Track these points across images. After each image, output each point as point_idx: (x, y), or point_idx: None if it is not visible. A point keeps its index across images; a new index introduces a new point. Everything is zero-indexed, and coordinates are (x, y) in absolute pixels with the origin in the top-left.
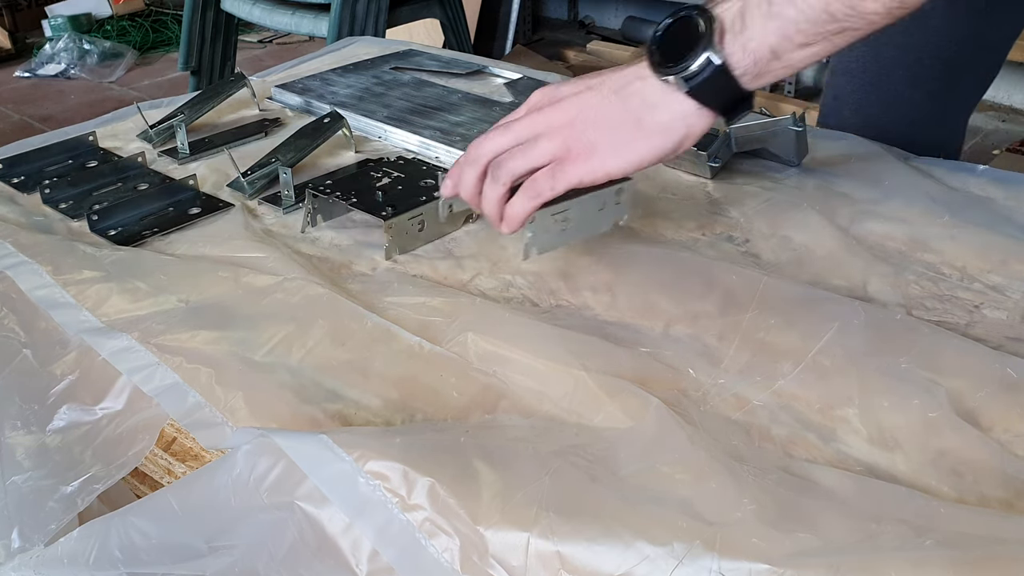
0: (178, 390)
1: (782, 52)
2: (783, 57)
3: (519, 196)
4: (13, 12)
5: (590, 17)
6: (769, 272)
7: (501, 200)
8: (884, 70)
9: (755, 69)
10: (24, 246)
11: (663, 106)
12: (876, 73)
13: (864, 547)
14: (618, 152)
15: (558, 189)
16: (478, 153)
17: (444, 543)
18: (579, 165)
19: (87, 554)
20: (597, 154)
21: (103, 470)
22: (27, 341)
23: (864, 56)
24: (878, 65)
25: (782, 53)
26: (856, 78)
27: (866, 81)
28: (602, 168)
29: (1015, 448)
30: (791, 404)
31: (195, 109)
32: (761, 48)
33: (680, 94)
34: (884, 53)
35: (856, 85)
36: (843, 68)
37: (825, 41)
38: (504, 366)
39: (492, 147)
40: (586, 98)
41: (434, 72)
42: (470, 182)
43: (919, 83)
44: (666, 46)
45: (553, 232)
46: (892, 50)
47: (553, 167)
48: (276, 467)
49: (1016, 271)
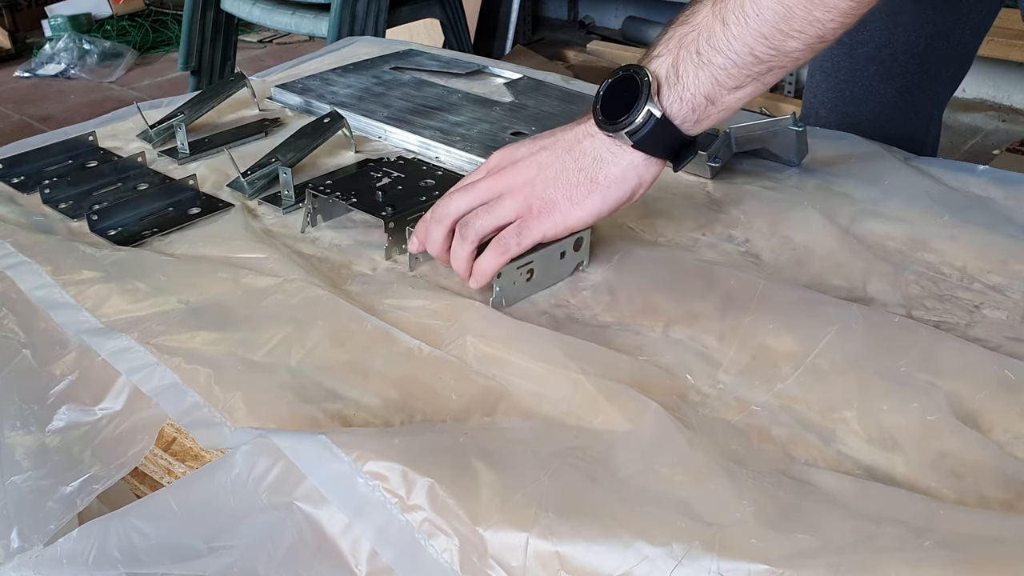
0: (177, 390)
1: (716, 98)
2: (718, 102)
3: (488, 253)
4: (13, 12)
5: (590, 17)
6: (769, 273)
7: (470, 257)
8: (858, 67)
9: (693, 116)
10: (24, 246)
11: (613, 160)
12: (850, 71)
13: (863, 548)
14: (577, 207)
15: (524, 245)
16: (444, 212)
17: (443, 543)
18: (542, 221)
19: (86, 554)
20: (558, 210)
21: (102, 470)
22: (26, 341)
23: (838, 55)
24: (851, 62)
25: (716, 98)
26: (831, 76)
27: (840, 79)
28: (564, 223)
29: (1015, 449)
30: (791, 406)
31: (195, 109)
32: (696, 97)
33: (627, 148)
34: (858, 51)
35: (831, 83)
36: (819, 67)
37: (755, 82)
38: (503, 369)
39: (457, 206)
40: (542, 158)
41: (434, 72)
42: (437, 239)
43: (891, 78)
44: (609, 104)
45: (520, 284)
46: (865, 47)
47: (518, 224)
48: (275, 467)
49: (1016, 271)
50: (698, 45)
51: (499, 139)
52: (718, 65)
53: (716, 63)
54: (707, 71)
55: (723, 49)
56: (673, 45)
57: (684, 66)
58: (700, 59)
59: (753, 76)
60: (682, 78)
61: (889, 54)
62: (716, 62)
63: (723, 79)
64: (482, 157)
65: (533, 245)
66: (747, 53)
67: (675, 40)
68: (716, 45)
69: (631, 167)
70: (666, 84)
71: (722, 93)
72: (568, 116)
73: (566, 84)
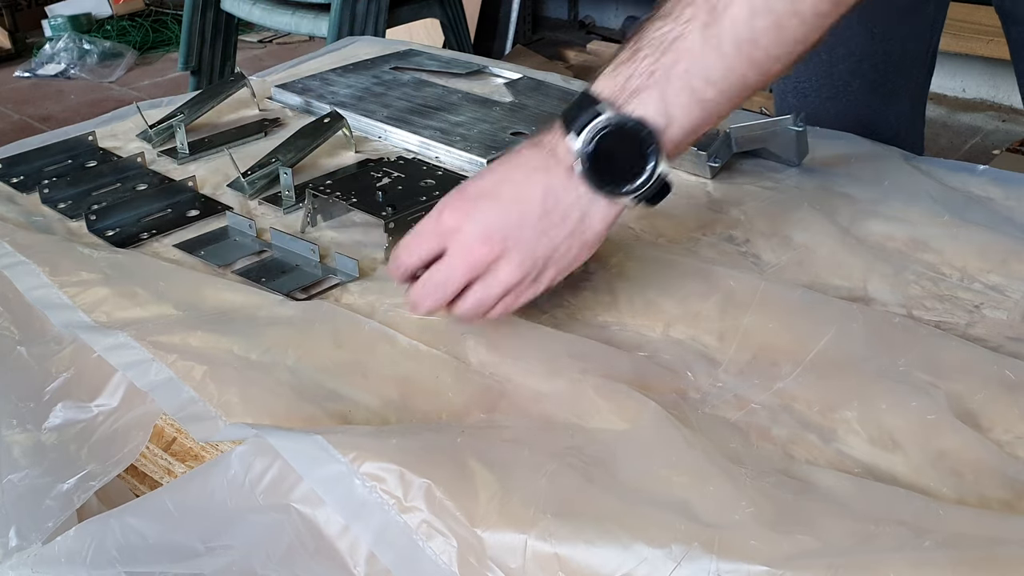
0: (172, 385)
1: (700, 131)
2: (699, 134)
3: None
4: (13, 12)
5: (590, 17)
6: (769, 273)
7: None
8: (839, 82)
9: (677, 151)
10: (22, 246)
11: (602, 217)
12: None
13: (863, 548)
14: (566, 267)
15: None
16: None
17: (441, 545)
18: (538, 286)
19: (85, 553)
20: (546, 275)
21: (99, 467)
22: (22, 338)
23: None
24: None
25: (699, 132)
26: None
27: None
28: (559, 278)
29: (1015, 449)
30: (791, 405)
31: (195, 109)
32: (686, 137)
33: (621, 201)
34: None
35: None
36: (792, 88)
37: (733, 111)
38: (502, 369)
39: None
40: (519, 231)
41: (434, 72)
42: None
43: (874, 88)
44: (602, 161)
45: None
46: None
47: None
48: (271, 469)
49: (1016, 271)
50: (690, 80)
51: (499, 139)
52: (710, 99)
53: (709, 97)
54: (699, 108)
55: (717, 82)
56: (658, 77)
57: (675, 105)
58: (693, 96)
59: (735, 105)
60: (674, 119)
61: (870, 65)
62: (709, 96)
63: (712, 112)
64: (482, 157)
65: None
66: (740, 83)
67: (660, 71)
68: (711, 78)
69: (615, 217)
70: (664, 132)
71: (706, 127)
72: None
73: (566, 84)
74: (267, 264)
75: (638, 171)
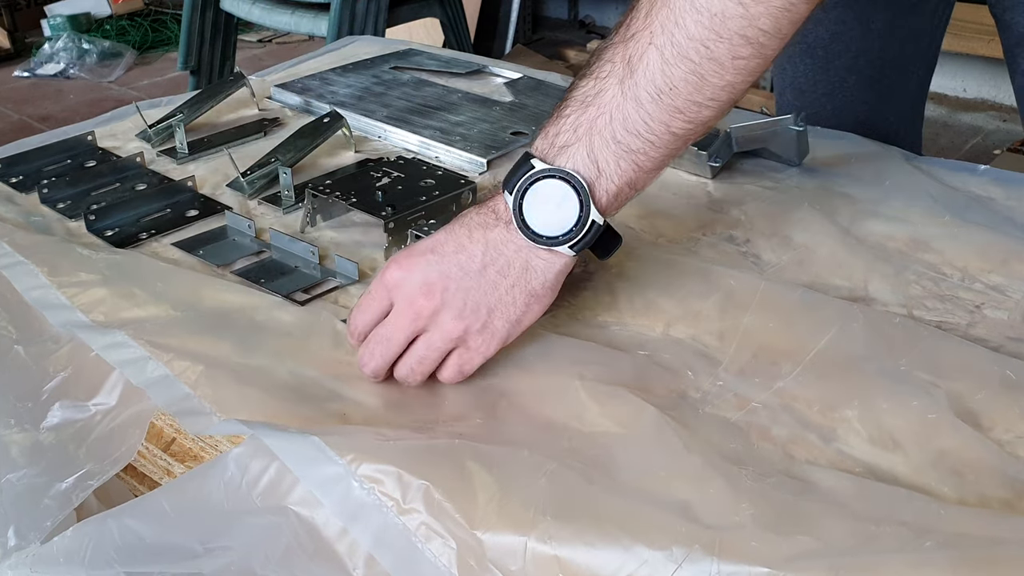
0: (167, 382)
1: (637, 183)
2: (637, 186)
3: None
4: (12, 12)
5: (590, 17)
6: (769, 273)
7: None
8: (836, 78)
9: (616, 204)
10: (21, 246)
11: (545, 268)
12: (827, 84)
13: (864, 549)
14: (518, 324)
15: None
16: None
17: (440, 547)
18: (487, 347)
19: (83, 552)
20: (498, 335)
21: (97, 466)
22: (19, 338)
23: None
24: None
25: (637, 183)
26: (806, 93)
27: (819, 94)
28: (512, 331)
29: (1015, 449)
30: (791, 404)
31: (194, 109)
32: (621, 188)
33: (561, 252)
34: (835, 63)
35: (807, 100)
36: (790, 85)
37: (672, 158)
38: (502, 371)
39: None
40: (459, 282)
41: (434, 72)
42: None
43: (870, 84)
44: (534, 212)
45: None
46: (841, 58)
47: (459, 355)
48: (268, 471)
49: (1017, 271)
50: (613, 131)
51: (499, 139)
52: (637, 150)
53: (635, 147)
54: (628, 159)
55: (641, 132)
56: (583, 132)
57: (603, 156)
58: (619, 147)
59: (670, 153)
60: (603, 170)
61: (867, 62)
62: (635, 147)
63: (643, 163)
64: (482, 157)
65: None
66: (665, 132)
67: (584, 126)
68: (632, 128)
69: (564, 268)
70: (595, 183)
71: (643, 177)
72: None
73: (566, 84)
74: (266, 265)
75: (568, 220)
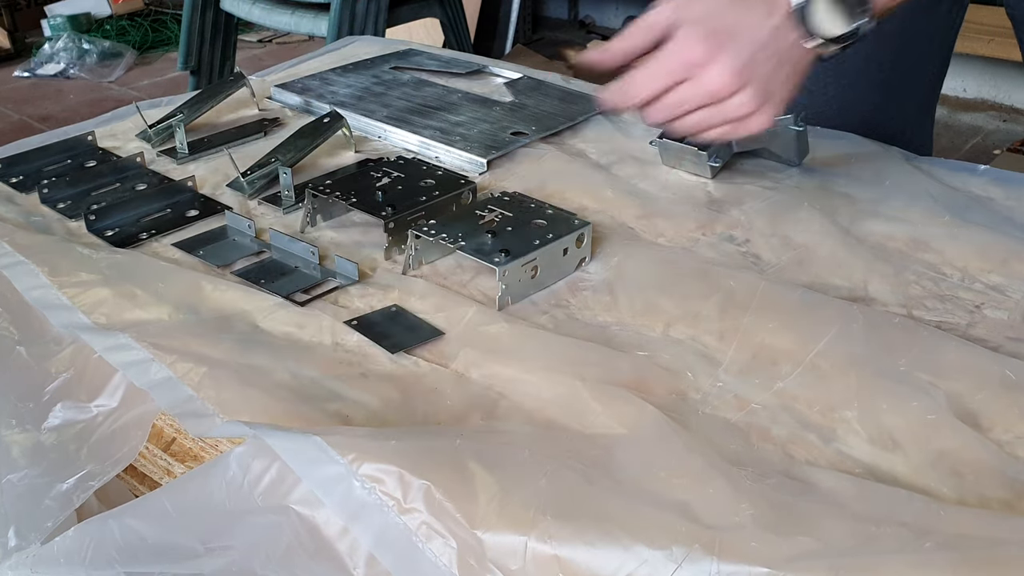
0: (170, 384)
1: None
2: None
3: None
4: (12, 12)
5: (590, 17)
6: (769, 273)
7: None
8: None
9: (883, 12)
10: (21, 246)
11: (805, 58)
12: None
13: (864, 550)
14: (782, 102)
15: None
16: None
17: (441, 547)
18: (765, 115)
19: (84, 553)
20: (771, 103)
21: (98, 467)
22: (21, 338)
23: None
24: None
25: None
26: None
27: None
28: (781, 108)
29: (1015, 449)
30: (791, 405)
31: (194, 109)
32: (891, 3)
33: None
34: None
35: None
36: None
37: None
38: (502, 373)
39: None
40: (758, 57)
41: (434, 72)
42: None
43: (878, 86)
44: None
45: (525, 281)
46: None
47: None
48: (270, 470)
49: (1017, 271)
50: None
51: (499, 139)
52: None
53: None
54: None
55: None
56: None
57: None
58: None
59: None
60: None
61: (877, 65)
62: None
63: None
64: (482, 157)
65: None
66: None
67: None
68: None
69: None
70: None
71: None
72: (568, 116)
73: (566, 84)
74: (266, 265)
75: (856, 28)
